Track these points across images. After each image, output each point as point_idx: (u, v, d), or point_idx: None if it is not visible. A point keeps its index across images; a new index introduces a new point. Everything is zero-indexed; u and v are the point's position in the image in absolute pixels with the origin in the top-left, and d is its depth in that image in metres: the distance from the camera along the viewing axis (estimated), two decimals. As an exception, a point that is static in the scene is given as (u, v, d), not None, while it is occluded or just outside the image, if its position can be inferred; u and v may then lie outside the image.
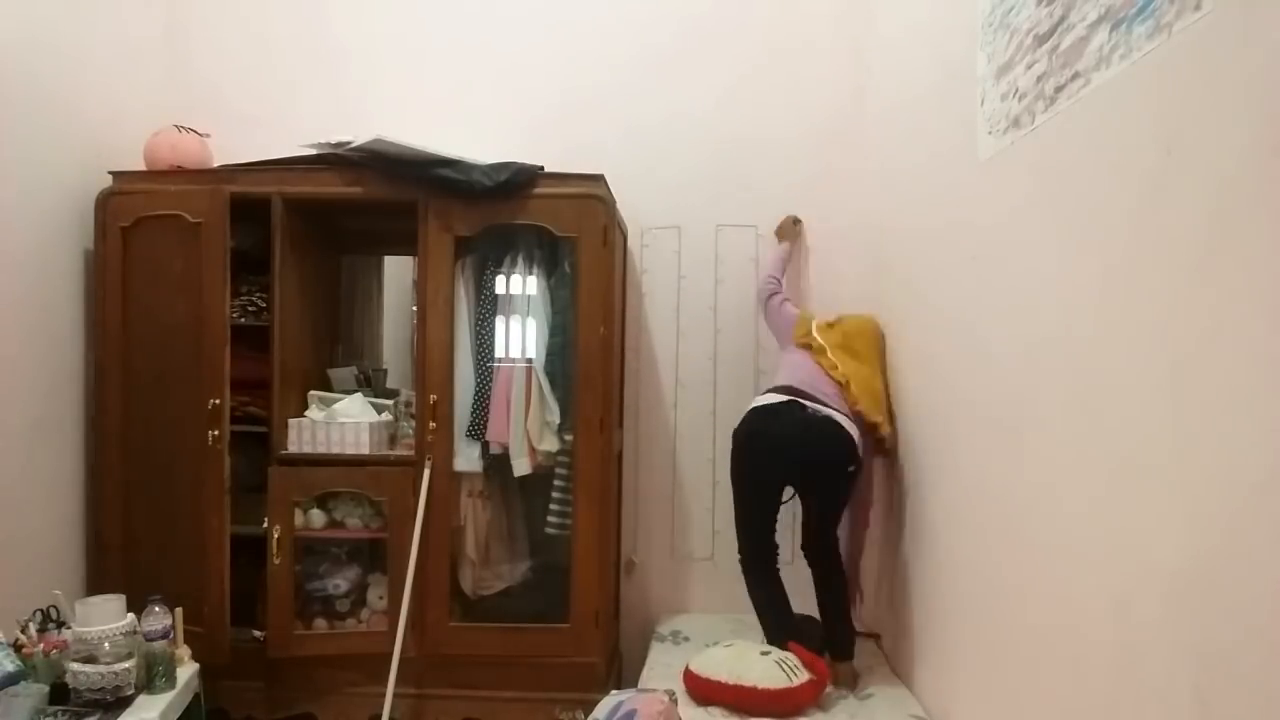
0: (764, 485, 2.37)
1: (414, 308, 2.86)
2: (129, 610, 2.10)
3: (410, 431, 2.66)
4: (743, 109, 2.97)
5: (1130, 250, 1.24)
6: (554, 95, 3.00)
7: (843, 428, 2.30)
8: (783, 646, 2.24)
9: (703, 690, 2.19)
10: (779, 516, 2.42)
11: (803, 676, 2.13)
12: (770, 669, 2.14)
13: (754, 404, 2.40)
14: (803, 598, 2.43)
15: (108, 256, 2.56)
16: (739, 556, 2.44)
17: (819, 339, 2.51)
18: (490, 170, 2.51)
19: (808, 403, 2.31)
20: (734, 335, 3.00)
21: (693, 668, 2.25)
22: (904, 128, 2.51)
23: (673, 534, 3.04)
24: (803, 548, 2.44)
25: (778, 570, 2.42)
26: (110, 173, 2.61)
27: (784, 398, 2.33)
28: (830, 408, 2.32)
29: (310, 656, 2.57)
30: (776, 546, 2.42)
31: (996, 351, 1.77)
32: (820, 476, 2.34)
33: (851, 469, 2.32)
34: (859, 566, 2.68)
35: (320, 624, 2.62)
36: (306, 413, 2.68)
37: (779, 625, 2.37)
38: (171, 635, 2.15)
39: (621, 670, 2.89)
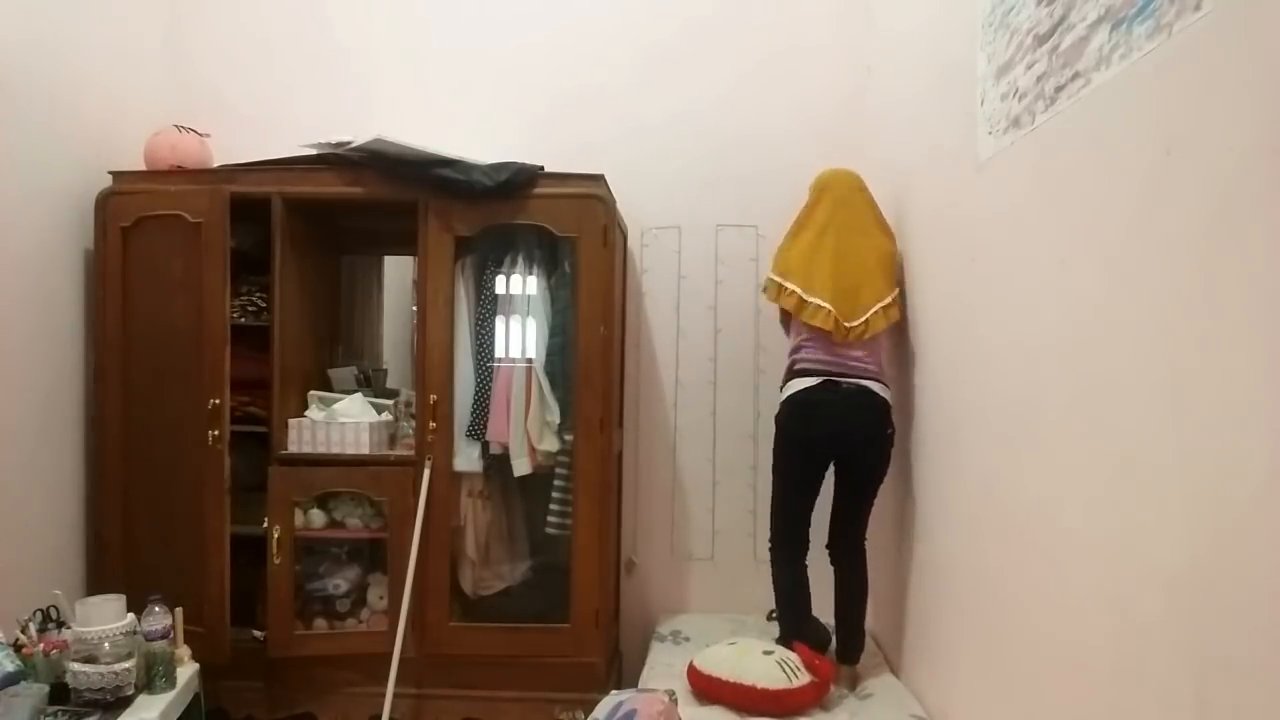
0: (806, 466, 2.35)
1: (414, 308, 2.86)
2: (129, 610, 2.10)
3: (410, 431, 2.66)
4: (743, 109, 2.97)
5: (1130, 250, 1.24)
6: (554, 95, 3.00)
7: (876, 394, 2.30)
8: (789, 645, 2.24)
9: (704, 686, 2.20)
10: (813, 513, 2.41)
11: (803, 679, 2.13)
12: (771, 669, 2.14)
13: (790, 390, 2.36)
14: (816, 599, 2.42)
15: (108, 256, 2.56)
16: (769, 544, 2.43)
17: (826, 309, 2.32)
18: (490, 170, 2.51)
19: (840, 379, 2.29)
20: (734, 335, 3.00)
21: (696, 664, 2.25)
22: (904, 128, 2.51)
23: (673, 534, 3.04)
24: (828, 547, 2.42)
25: (805, 565, 2.39)
26: (110, 173, 2.61)
27: (817, 380, 2.31)
28: (861, 376, 2.30)
29: (310, 656, 2.57)
30: (808, 541, 2.39)
31: (996, 351, 1.77)
32: (860, 445, 2.32)
33: (889, 431, 2.32)
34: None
35: (320, 624, 2.62)
36: (306, 413, 2.68)
37: (795, 621, 2.37)
38: (171, 635, 2.15)
39: (621, 670, 2.89)
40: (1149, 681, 1.16)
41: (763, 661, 2.17)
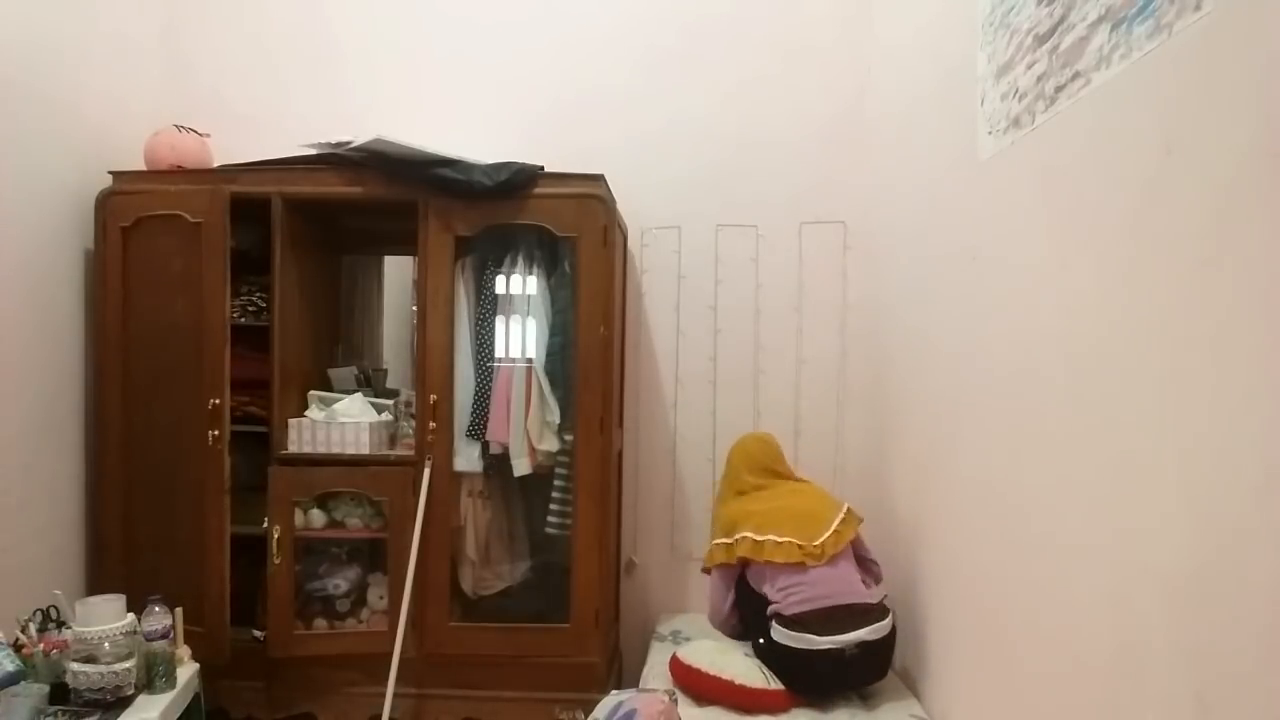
0: None
1: (414, 308, 2.86)
2: (129, 610, 2.10)
3: (410, 431, 2.66)
4: (743, 110, 2.97)
5: (1130, 250, 1.24)
6: (555, 96, 3.00)
7: (878, 641, 2.15)
8: None
9: (682, 676, 2.23)
10: None
11: (777, 684, 2.16)
12: (750, 669, 2.18)
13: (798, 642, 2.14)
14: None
15: (108, 256, 2.56)
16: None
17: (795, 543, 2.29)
18: (490, 170, 2.51)
19: (845, 637, 2.11)
20: (734, 335, 3.00)
21: (678, 654, 2.30)
22: (904, 128, 2.51)
23: (673, 534, 3.04)
24: None
25: None
26: (110, 173, 2.61)
27: (831, 644, 2.11)
28: (863, 619, 2.15)
29: (310, 656, 2.57)
30: None
31: (996, 351, 1.77)
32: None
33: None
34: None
35: (320, 624, 2.62)
36: (306, 413, 2.68)
37: None
38: (171, 635, 2.15)
39: (621, 670, 2.89)
40: (1149, 681, 1.16)
41: (743, 661, 2.21)
